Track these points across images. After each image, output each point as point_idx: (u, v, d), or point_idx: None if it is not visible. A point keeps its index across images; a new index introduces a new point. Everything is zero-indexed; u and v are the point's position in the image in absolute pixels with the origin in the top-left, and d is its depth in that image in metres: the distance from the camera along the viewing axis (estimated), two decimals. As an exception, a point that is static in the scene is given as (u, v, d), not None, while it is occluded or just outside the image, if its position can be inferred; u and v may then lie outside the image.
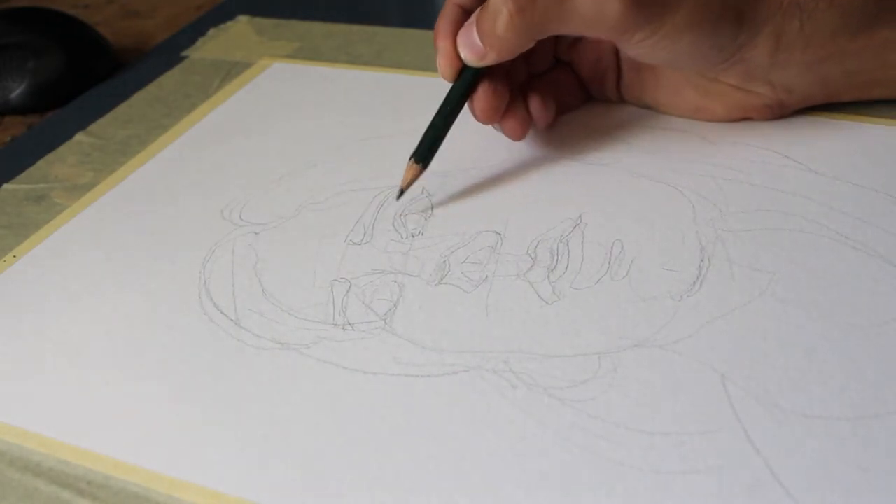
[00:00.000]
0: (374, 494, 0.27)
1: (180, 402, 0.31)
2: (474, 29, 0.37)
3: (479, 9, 0.37)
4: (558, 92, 0.43)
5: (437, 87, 0.40)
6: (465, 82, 0.39)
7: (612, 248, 0.36)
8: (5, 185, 0.45)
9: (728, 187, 0.38)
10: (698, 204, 0.38)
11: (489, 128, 0.42)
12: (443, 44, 0.39)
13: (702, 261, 0.35)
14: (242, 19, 0.60)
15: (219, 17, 0.61)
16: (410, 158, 0.39)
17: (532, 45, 0.37)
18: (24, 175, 0.46)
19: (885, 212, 0.36)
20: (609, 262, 0.35)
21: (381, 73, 0.51)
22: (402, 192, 0.39)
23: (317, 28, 0.58)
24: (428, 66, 0.51)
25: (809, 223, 0.36)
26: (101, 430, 0.31)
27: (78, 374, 0.33)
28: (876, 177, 0.38)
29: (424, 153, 0.39)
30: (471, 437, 0.29)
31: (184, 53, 0.57)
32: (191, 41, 0.58)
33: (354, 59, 0.53)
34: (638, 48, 0.37)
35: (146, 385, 0.32)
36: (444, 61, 0.39)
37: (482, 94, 0.39)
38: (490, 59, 0.37)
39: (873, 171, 0.38)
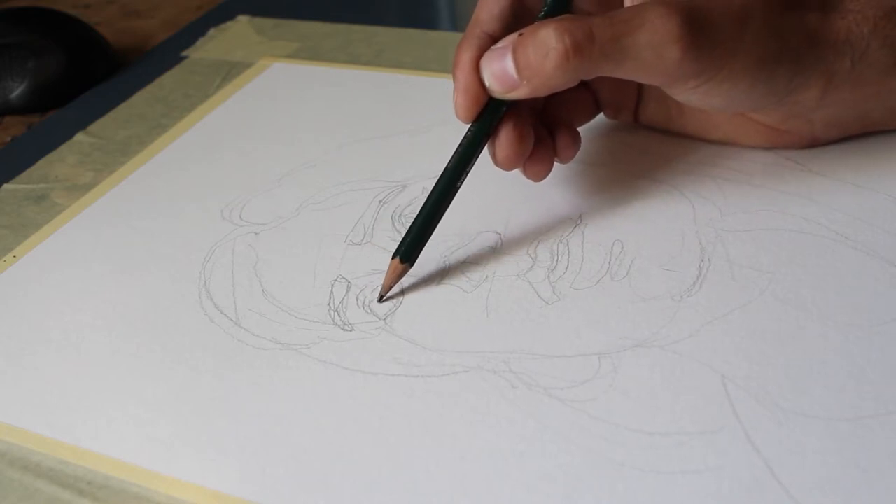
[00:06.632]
0: (374, 495, 0.27)
1: (180, 402, 0.31)
2: (509, 56, 0.32)
3: (517, 34, 0.33)
4: (573, 113, 0.39)
5: (437, 88, 0.39)
6: (485, 125, 0.34)
7: (612, 248, 0.36)
8: (5, 185, 0.45)
9: (728, 187, 0.38)
10: (698, 204, 0.38)
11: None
12: (464, 78, 0.34)
13: (702, 261, 0.35)
14: (242, 19, 0.60)
15: (219, 17, 0.61)
16: (394, 256, 0.34)
17: (574, 84, 0.33)
18: (24, 175, 0.46)
19: (885, 212, 0.36)
20: (609, 263, 0.35)
21: (380, 73, 0.51)
22: (381, 297, 0.34)
23: (317, 28, 0.58)
24: (427, 66, 0.51)
25: (809, 223, 0.36)
26: (101, 430, 0.31)
27: (78, 373, 0.33)
28: (876, 177, 0.38)
29: (410, 250, 0.34)
30: (471, 437, 0.29)
31: (184, 53, 0.57)
32: (191, 41, 0.58)
33: (354, 59, 0.53)
34: (689, 94, 0.34)
35: (146, 385, 0.32)
36: (464, 98, 0.34)
37: (506, 138, 0.34)
38: (521, 94, 0.33)
39: (874, 171, 0.38)
